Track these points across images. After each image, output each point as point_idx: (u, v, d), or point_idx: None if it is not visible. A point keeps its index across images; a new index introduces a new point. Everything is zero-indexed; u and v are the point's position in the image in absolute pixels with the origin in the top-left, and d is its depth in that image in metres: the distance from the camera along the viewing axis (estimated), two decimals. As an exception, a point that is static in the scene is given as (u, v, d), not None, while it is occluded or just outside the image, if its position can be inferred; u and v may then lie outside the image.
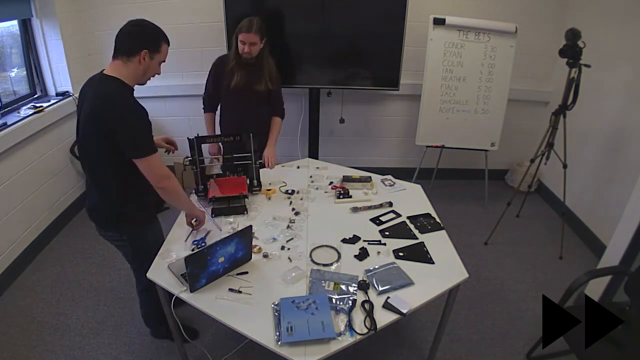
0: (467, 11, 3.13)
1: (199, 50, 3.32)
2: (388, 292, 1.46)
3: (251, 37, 2.22)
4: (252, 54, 2.27)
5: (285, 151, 3.73)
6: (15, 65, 3.02)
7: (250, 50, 2.25)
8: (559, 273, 2.66)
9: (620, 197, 2.26)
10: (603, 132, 2.85)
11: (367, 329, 1.32)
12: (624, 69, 2.67)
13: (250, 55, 2.27)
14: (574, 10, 3.14)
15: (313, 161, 2.54)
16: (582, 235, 3.01)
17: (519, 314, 2.33)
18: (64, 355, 2.04)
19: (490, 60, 3.03)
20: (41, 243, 2.85)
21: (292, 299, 1.40)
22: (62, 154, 3.12)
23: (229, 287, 1.48)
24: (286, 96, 3.51)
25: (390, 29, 2.99)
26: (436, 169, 3.64)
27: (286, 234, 1.78)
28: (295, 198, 2.08)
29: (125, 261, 2.67)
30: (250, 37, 2.22)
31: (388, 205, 2.01)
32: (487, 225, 3.01)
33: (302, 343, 1.26)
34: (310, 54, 3.12)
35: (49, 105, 2.92)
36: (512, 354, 2.08)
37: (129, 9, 3.18)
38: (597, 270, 1.96)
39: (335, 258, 1.64)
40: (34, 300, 2.40)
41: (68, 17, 3.08)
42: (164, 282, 1.52)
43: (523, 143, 3.58)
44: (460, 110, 3.17)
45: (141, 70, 1.55)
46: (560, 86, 2.64)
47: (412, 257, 1.65)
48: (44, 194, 2.89)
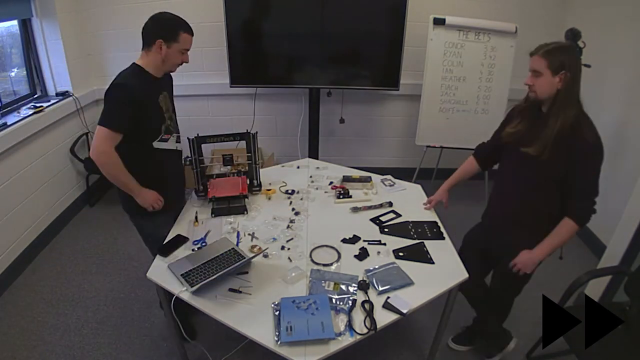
0: (467, 11, 3.13)
1: (199, 50, 3.32)
2: (388, 292, 1.46)
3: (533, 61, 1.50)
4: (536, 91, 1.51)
5: (285, 151, 3.74)
6: (15, 65, 3.02)
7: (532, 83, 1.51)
8: (559, 273, 2.65)
9: (620, 197, 2.25)
10: (603, 132, 2.79)
11: (367, 329, 1.32)
12: (624, 69, 2.67)
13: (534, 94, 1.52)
14: (574, 10, 3.14)
15: (313, 161, 2.54)
16: (582, 235, 3.01)
17: (519, 314, 2.33)
18: (64, 355, 2.04)
19: (490, 60, 3.03)
20: (41, 243, 2.85)
21: (292, 299, 1.40)
22: (62, 154, 3.12)
23: (229, 287, 1.48)
24: (286, 96, 3.54)
25: (390, 28, 2.99)
26: (436, 169, 3.64)
27: (286, 234, 1.78)
28: (295, 198, 2.08)
29: (125, 261, 2.68)
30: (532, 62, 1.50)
31: (388, 205, 2.01)
32: (487, 225, 3.00)
33: (302, 343, 1.26)
34: (310, 54, 3.12)
35: (49, 105, 2.92)
36: (512, 354, 2.08)
37: (129, 9, 3.18)
38: (597, 270, 1.96)
39: (335, 258, 1.64)
40: (34, 300, 2.40)
41: (68, 17, 3.08)
42: (164, 283, 1.52)
43: (523, 143, 3.57)
44: (460, 110, 3.17)
45: (160, 59, 1.67)
46: (560, 86, 2.64)
47: (412, 257, 1.65)
48: (44, 194, 2.89)
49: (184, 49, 1.69)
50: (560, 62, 1.42)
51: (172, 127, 1.83)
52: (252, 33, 3.08)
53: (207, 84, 3.43)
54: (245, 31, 3.07)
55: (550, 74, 1.44)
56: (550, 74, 1.44)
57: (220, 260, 1.57)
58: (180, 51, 1.68)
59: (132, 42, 3.34)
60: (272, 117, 3.63)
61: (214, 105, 3.58)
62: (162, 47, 1.63)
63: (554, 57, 1.43)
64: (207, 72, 3.42)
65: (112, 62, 3.37)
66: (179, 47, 1.67)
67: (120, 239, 2.97)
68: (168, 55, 1.66)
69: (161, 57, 1.66)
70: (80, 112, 3.22)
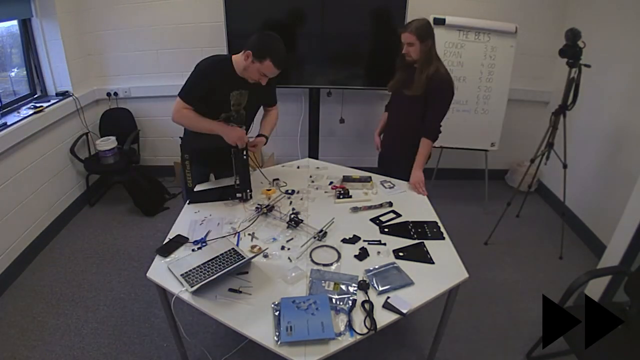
0: (467, 11, 3.13)
1: (199, 50, 3.32)
2: (388, 292, 1.46)
3: (407, 36, 2.10)
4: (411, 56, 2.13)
5: (285, 151, 3.73)
6: (15, 65, 3.02)
7: (408, 52, 2.13)
8: (559, 273, 2.66)
9: (620, 197, 2.25)
10: (603, 132, 2.86)
11: (367, 329, 1.32)
12: (624, 69, 2.67)
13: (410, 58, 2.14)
14: (574, 10, 3.14)
15: (313, 161, 2.54)
16: (582, 235, 3.01)
17: (519, 314, 2.33)
18: (64, 355, 2.04)
19: (490, 60, 3.03)
20: (41, 243, 2.85)
21: (292, 299, 1.40)
22: (62, 154, 3.12)
23: (229, 287, 1.48)
24: (286, 96, 3.54)
25: (391, 29, 2.99)
26: (436, 169, 3.64)
27: (286, 234, 1.78)
28: (295, 198, 2.08)
29: (125, 261, 2.68)
30: (406, 37, 2.11)
31: (388, 205, 2.01)
32: (487, 225, 3.01)
33: (302, 343, 1.26)
34: (310, 54, 3.12)
35: (49, 105, 2.92)
36: (512, 354, 2.08)
37: (129, 9, 3.18)
38: (597, 270, 1.96)
39: (335, 258, 1.64)
40: (34, 300, 2.40)
41: (68, 17, 3.08)
42: (164, 283, 1.52)
43: (523, 143, 3.58)
44: (460, 110, 3.17)
45: (242, 65, 1.83)
46: (560, 86, 2.64)
47: (412, 257, 1.65)
48: (44, 194, 2.89)
49: (263, 73, 1.81)
50: (425, 34, 2.08)
51: (234, 119, 2.00)
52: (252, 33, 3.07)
53: (207, 84, 3.43)
54: (245, 31, 3.06)
55: (419, 44, 2.08)
56: (419, 44, 2.08)
57: (220, 260, 1.57)
58: (258, 71, 1.81)
59: (132, 42, 3.40)
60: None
61: (214, 105, 3.57)
62: (249, 58, 1.78)
63: (420, 32, 2.07)
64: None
65: (112, 62, 3.37)
66: (259, 69, 1.79)
67: (120, 239, 2.97)
68: (249, 68, 1.81)
69: (244, 64, 1.81)
70: (80, 112, 3.22)
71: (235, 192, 2.02)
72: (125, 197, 3.33)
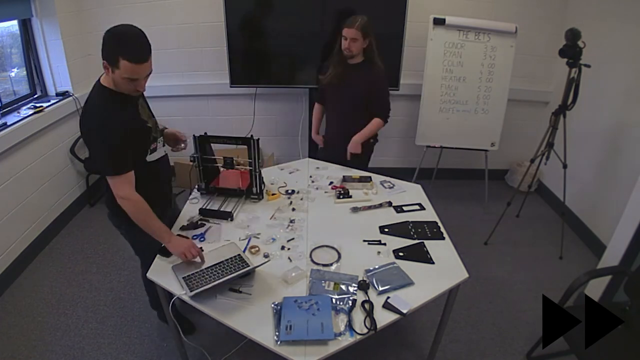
0: (467, 11, 3.13)
1: (199, 50, 3.32)
2: (388, 292, 1.46)
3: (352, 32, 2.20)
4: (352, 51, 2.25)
5: (286, 151, 3.73)
6: (15, 65, 3.02)
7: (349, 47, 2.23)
8: (559, 273, 2.65)
9: (620, 197, 2.25)
10: (603, 132, 2.85)
11: (367, 329, 1.32)
12: (624, 69, 2.67)
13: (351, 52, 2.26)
14: (574, 10, 3.14)
15: (313, 161, 2.54)
16: (582, 235, 3.01)
17: (519, 314, 2.33)
18: (64, 355, 2.04)
19: (490, 60, 3.03)
20: (41, 243, 2.85)
21: (295, 299, 1.40)
22: (62, 154, 3.12)
23: (229, 287, 1.48)
24: (286, 96, 3.54)
25: (390, 29, 2.99)
26: (436, 169, 3.64)
27: (286, 234, 1.78)
28: (295, 198, 2.08)
29: (125, 261, 2.68)
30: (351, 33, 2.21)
31: (388, 205, 2.01)
32: (487, 225, 3.01)
33: (302, 343, 1.26)
34: (310, 54, 3.12)
35: (49, 105, 2.92)
36: (512, 354, 2.08)
37: (129, 9, 3.18)
38: (597, 270, 1.96)
39: (335, 258, 1.64)
40: (34, 300, 2.40)
41: (68, 17, 3.08)
42: (164, 283, 1.52)
43: (523, 143, 3.58)
44: (460, 110, 3.17)
45: (111, 83, 1.47)
46: (560, 86, 2.64)
47: (412, 257, 1.65)
48: (44, 194, 2.89)
49: (127, 77, 1.42)
50: (369, 31, 2.23)
51: (155, 132, 1.68)
52: (252, 33, 3.08)
53: (207, 84, 3.43)
54: (245, 31, 3.07)
55: (362, 40, 2.23)
56: (362, 40, 2.23)
57: (224, 266, 1.54)
58: (122, 78, 1.43)
59: (132, 42, 3.39)
60: (272, 117, 3.63)
61: (213, 105, 3.57)
62: (109, 69, 1.42)
63: (365, 29, 2.21)
64: (207, 72, 3.41)
65: (112, 62, 3.37)
66: (121, 74, 1.42)
67: (120, 239, 2.92)
68: (115, 81, 1.45)
69: (111, 79, 1.45)
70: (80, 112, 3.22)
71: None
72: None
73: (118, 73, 1.41)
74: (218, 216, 1.90)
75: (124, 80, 1.43)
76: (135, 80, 1.45)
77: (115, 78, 1.44)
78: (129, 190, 1.53)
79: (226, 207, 1.96)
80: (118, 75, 1.42)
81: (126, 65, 1.39)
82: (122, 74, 1.41)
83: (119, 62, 1.38)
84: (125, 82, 1.44)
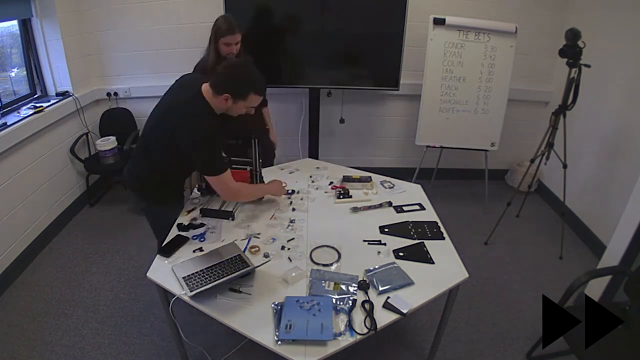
0: (467, 11, 3.13)
1: (199, 50, 3.31)
2: (388, 292, 1.46)
3: (237, 37, 2.30)
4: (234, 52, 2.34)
5: (286, 151, 3.73)
6: (15, 65, 3.02)
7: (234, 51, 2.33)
8: (559, 273, 2.66)
9: (620, 197, 2.25)
10: (603, 132, 2.85)
11: (367, 329, 1.32)
12: (624, 69, 2.67)
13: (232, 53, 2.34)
14: (574, 10, 3.14)
15: (313, 161, 2.54)
16: (582, 235, 3.01)
17: (519, 314, 2.33)
18: (64, 355, 2.04)
19: (490, 60, 3.03)
20: (41, 243, 2.85)
21: (297, 298, 1.40)
22: (62, 154, 3.12)
23: (229, 287, 1.48)
24: (286, 96, 3.54)
25: (390, 29, 2.98)
26: (436, 169, 3.64)
27: (286, 234, 1.78)
28: (295, 198, 2.08)
29: (125, 261, 2.69)
30: (237, 38, 2.30)
31: (388, 205, 2.01)
32: (487, 225, 3.01)
33: (302, 343, 1.26)
34: (310, 54, 3.12)
35: (49, 105, 2.92)
36: (512, 354, 2.08)
37: (129, 9, 3.18)
38: (597, 270, 1.96)
39: (335, 258, 1.64)
40: (34, 300, 2.40)
41: (68, 17, 3.08)
42: (164, 283, 1.52)
43: (523, 143, 3.58)
44: (460, 110, 3.17)
45: (224, 107, 1.69)
46: (560, 86, 2.64)
47: (412, 257, 1.65)
48: (44, 194, 2.89)
49: (250, 106, 1.71)
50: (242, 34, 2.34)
51: None
52: (252, 33, 3.08)
53: (207, 84, 3.42)
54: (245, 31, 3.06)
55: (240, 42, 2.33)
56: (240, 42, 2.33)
57: (224, 266, 1.54)
58: (245, 107, 1.71)
59: (132, 42, 3.40)
60: (272, 117, 3.62)
61: (214, 105, 3.57)
62: (229, 100, 1.64)
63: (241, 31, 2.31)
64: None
65: (112, 62, 3.37)
66: (246, 104, 1.69)
67: (120, 239, 2.97)
68: (232, 108, 1.69)
69: (226, 106, 1.68)
70: (81, 112, 3.22)
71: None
72: (125, 197, 3.33)
73: (242, 104, 1.67)
74: (218, 216, 1.90)
75: (245, 108, 1.70)
76: (252, 108, 1.73)
77: (234, 107, 1.67)
78: (232, 184, 1.78)
79: (226, 207, 1.96)
80: (241, 105, 1.68)
81: (254, 99, 1.68)
82: (247, 105, 1.69)
83: (248, 96, 1.65)
84: (245, 109, 1.71)
